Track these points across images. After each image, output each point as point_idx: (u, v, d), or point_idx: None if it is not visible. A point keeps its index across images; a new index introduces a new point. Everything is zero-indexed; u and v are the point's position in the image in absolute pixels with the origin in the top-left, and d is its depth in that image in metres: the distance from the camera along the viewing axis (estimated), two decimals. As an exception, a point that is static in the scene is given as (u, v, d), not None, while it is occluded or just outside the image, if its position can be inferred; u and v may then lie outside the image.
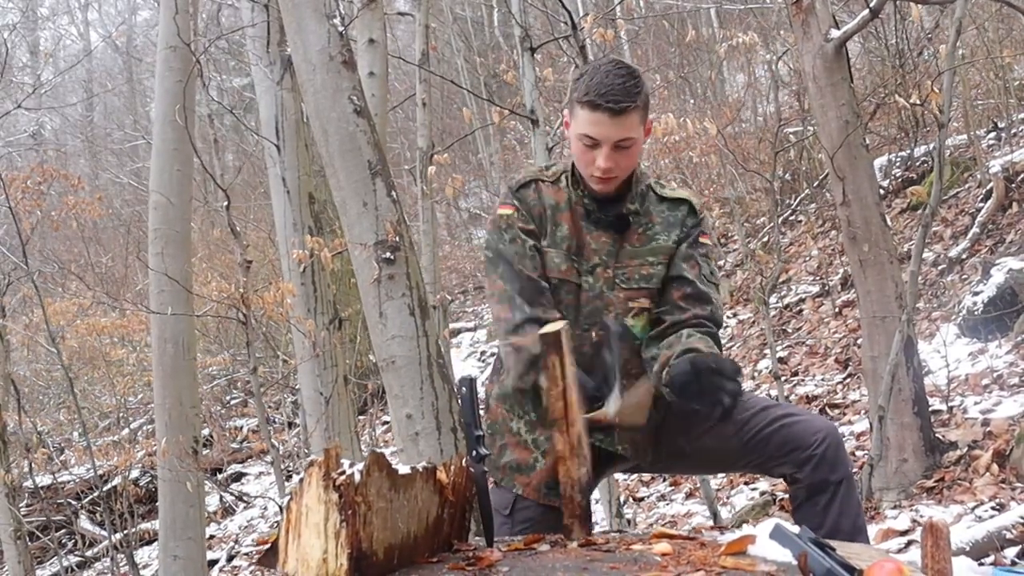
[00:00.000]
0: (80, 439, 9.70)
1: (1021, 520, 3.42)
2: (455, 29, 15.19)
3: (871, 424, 4.60)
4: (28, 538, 6.72)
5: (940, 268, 7.06)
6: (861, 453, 4.90)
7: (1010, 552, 3.36)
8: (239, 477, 10.34)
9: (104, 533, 8.16)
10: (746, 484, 5.43)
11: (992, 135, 8.23)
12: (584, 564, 1.47)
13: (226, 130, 16.33)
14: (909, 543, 3.78)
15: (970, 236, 7.05)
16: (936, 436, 4.60)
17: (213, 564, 7.86)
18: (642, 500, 6.09)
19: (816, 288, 8.11)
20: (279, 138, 5.33)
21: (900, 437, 4.51)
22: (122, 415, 10.97)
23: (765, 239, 9.16)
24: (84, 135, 21.36)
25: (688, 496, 5.75)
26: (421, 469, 1.53)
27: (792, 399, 6.18)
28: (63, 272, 12.30)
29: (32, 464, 8.07)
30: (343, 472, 1.37)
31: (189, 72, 5.43)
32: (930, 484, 4.39)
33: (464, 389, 1.78)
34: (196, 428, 5.76)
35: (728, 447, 2.08)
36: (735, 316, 8.62)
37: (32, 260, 8.16)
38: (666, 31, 12.71)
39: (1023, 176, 7.06)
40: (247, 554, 8.10)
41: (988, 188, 7.21)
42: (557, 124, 6.32)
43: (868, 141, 5.82)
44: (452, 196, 6.33)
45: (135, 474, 8.99)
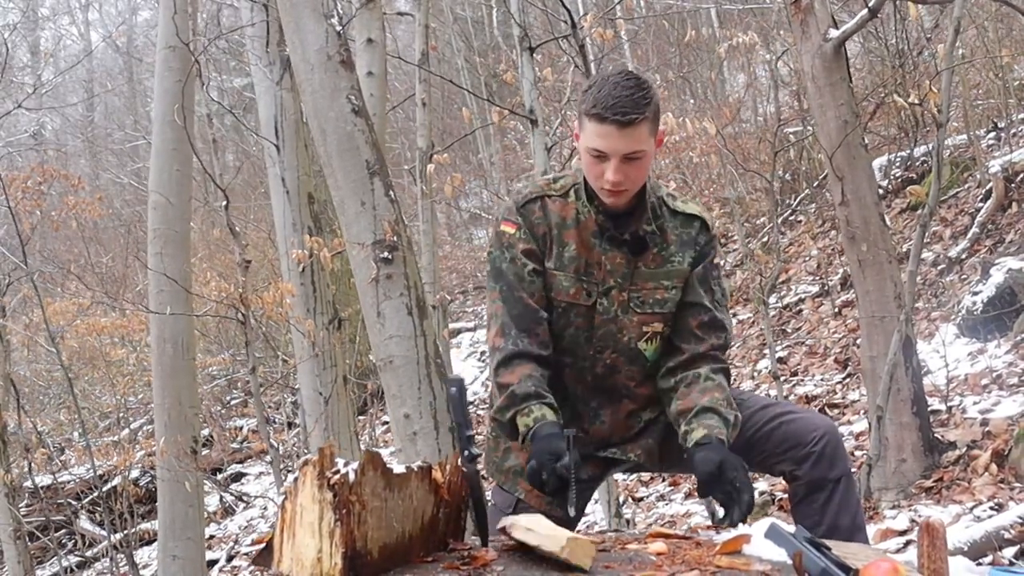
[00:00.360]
0: (80, 439, 9.70)
1: (1019, 520, 3.41)
2: (455, 29, 15.17)
3: (870, 424, 4.60)
4: (28, 538, 6.73)
5: (940, 268, 7.05)
6: (860, 453, 4.90)
7: (1008, 552, 3.36)
8: (239, 477, 10.34)
9: (104, 533, 8.16)
10: (745, 484, 5.42)
11: (992, 135, 8.22)
12: (591, 567, 1.46)
13: (226, 130, 16.32)
14: (907, 543, 3.78)
15: (970, 236, 7.05)
16: (935, 436, 4.60)
17: (213, 564, 7.85)
18: (641, 500, 6.08)
19: (816, 288, 8.10)
20: (279, 138, 5.34)
21: (899, 437, 4.50)
22: (122, 415, 10.97)
23: (765, 239, 9.16)
24: (84, 135, 21.37)
25: (687, 496, 5.74)
26: (416, 468, 1.52)
27: (791, 399, 6.18)
28: (63, 272, 12.30)
29: (32, 464, 8.08)
30: (337, 471, 1.37)
31: (188, 72, 5.44)
32: (929, 484, 4.39)
33: (454, 390, 1.78)
34: (196, 428, 5.77)
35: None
36: (735, 316, 8.61)
37: (32, 260, 8.17)
38: (666, 31, 12.70)
39: (1023, 176, 7.06)
40: (247, 554, 8.09)
41: (988, 188, 7.20)
42: (556, 124, 6.32)
43: (868, 141, 5.82)
44: (451, 195, 6.32)
45: (135, 474, 8.99)
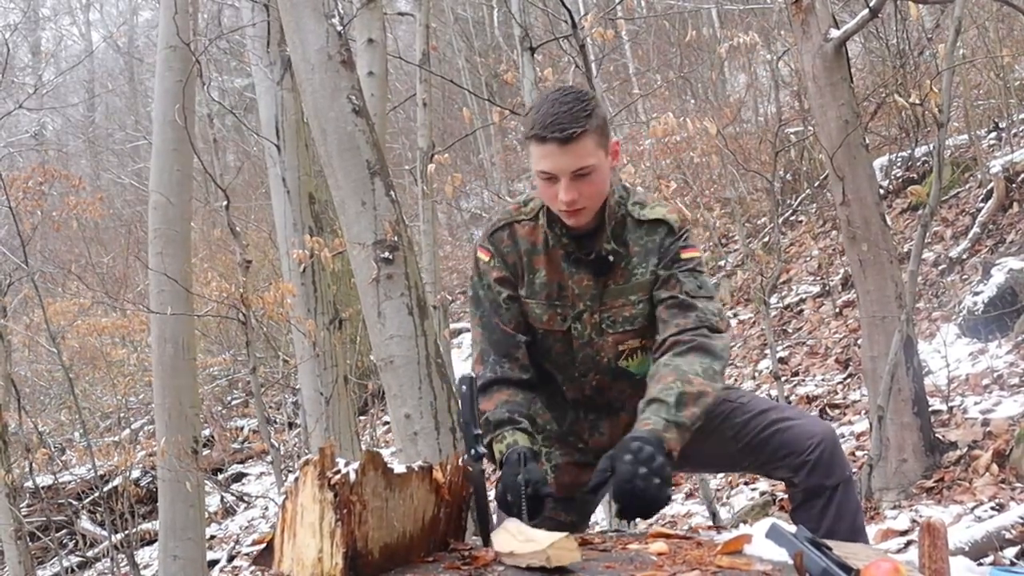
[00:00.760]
0: (81, 439, 9.70)
1: (1020, 520, 3.41)
2: (456, 29, 15.19)
3: (871, 424, 4.59)
4: (29, 538, 6.74)
5: (941, 268, 7.05)
6: (861, 453, 4.89)
7: (1009, 552, 3.36)
8: (240, 477, 10.35)
9: (104, 533, 8.17)
10: (746, 484, 5.42)
11: (993, 135, 8.22)
12: (580, 563, 1.46)
13: (227, 130, 16.34)
14: (908, 543, 3.78)
15: (970, 236, 7.04)
16: (936, 436, 4.59)
17: (214, 564, 7.86)
18: (642, 500, 6.07)
19: (816, 288, 8.10)
20: (279, 138, 5.34)
21: (900, 437, 4.50)
22: (123, 415, 10.98)
23: (766, 239, 9.15)
24: (85, 135, 21.38)
25: (688, 496, 5.74)
26: (417, 468, 1.52)
27: (792, 399, 6.18)
28: (64, 272, 12.30)
29: (33, 464, 8.08)
30: (338, 471, 1.37)
31: (189, 72, 5.44)
32: (930, 484, 4.38)
33: (464, 388, 1.77)
34: (196, 428, 5.77)
35: (727, 450, 2.08)
36: (735, 316, 8.60)
37: (33, 260, 8.17)
38: (667, 31, 12.70)
39: (1023, 176, 7.06)
40: (247, 554, 8.09)
41: (989, 188, 7.20)
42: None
43: (868, 141, 5.81)
44: (452, 195, 6.32)
45: (136, 474, 8.99)
